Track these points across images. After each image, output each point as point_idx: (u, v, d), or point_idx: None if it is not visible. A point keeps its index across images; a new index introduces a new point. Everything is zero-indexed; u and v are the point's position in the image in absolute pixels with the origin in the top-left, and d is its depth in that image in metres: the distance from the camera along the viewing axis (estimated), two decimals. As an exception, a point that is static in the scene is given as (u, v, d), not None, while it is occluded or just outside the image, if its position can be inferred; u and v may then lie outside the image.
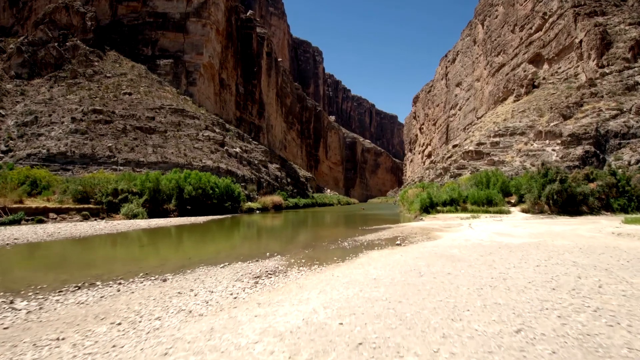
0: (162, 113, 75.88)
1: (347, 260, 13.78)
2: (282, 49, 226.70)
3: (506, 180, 44.18)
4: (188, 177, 50.60)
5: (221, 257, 15.76)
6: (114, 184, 46.61)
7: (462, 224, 28.41)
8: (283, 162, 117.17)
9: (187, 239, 24.02)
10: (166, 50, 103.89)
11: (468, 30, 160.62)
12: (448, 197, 39.37)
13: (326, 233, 26.33)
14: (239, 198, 56.95)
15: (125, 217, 43.03)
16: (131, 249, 19.18)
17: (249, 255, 16.02)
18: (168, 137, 70.17)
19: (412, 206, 44.04)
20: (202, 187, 50.76)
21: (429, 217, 36.53)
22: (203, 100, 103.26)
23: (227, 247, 19.88)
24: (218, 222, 39.35)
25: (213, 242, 22.74)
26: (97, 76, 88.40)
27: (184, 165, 62.92)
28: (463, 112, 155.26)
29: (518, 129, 78.36)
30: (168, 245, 20.74)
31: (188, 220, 40.51)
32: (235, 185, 57.10)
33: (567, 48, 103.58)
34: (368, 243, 18.95)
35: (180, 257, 16.15)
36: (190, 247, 20.13)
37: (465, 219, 33.63)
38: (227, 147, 73.53)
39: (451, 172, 74.44)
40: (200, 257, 15.72)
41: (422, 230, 24.45)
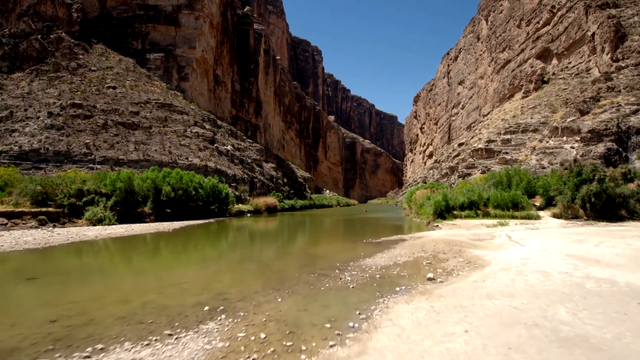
0: (148, 108, 69.28)
1: (352, 335, 7.11)
2: (281, 47, 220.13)
3: (532, 180, 37.62)
4: (167, 176, 43.96)
5: (115, 316, 8.59)
6: (80, 183, 39.96)
7: (494, 235, 21.82)
8: (280, 162, 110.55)
9: (112, 262, 16.97)
10: (157, 44, 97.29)
11: (471, 27, 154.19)
12: (466, 199, 32.79)
13: (320, 250, 19.76)
14: (227, 200, 50.32)
15: (89, 223, 36.41)
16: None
17: (164, 310, 9.01)
18: (153, 133, 63.56)
19: (423, 209, 37.44)
20: (184, 188, 44.11)
21: (446, 223, 29.93)
22: (196, 97, 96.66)
23: (150, 286, 11.93)
24: (192, 229, 32.71)
25: (140, 272, 14.60)
26: (81, 69, 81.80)
27: (168, 163, 56.33)
28: (466, 110, 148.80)
29: (530, 125, 71.81)
30: (57, 282, 12.39)
31: (160, 227, 33.86)
32: (222, 185, 50.47)
33: (577, 42, 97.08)
34: (382, 275, 12.30)
35: (42, 317, 8.64)
36: (92, 285, 11.88)
37: (492, 226, 27.04)
38: (218, 145, 66.90)
39: (459, 171, 67.82)
40: (72, 320, 8.33)
41: (450, 246, 17.84)
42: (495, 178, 39.48)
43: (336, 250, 19.36)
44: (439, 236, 22.09)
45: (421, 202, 39.61)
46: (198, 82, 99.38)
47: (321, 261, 15.22)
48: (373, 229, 33.92)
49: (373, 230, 32.31)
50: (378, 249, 17.88)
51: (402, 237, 22.57)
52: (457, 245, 17.96)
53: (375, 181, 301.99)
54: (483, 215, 32.07)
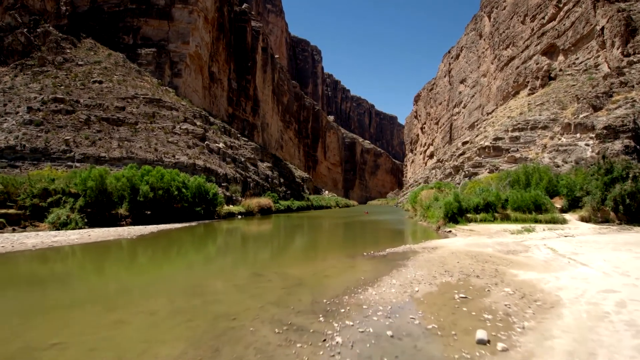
0: (135, 103, 64.69)
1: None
2: (280, 47, 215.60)
3: (553, 179, 32.96)
4: (147, 174, 39.31)
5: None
6: (46, 182, 35.37)
7: (527, 246, 17.19)
8: (276, 161, 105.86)
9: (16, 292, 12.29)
10: (149, 39, 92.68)
11: (473, 24, 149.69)
12: (481, 200, 28.14)
13: (306, 270, 14.44)
14: (215, 201, 45.67)
15: (52, 227, 31.80)
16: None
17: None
18: (139, 129, 58.96)
19: (431, 212, 32.77)
20: (165, 187, 39.45)
21: (460, 228, 25.28)
22: (189, 94, 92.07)
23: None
24: (165, 235, 28.08)
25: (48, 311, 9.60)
26: (68, 64, 77.23)
27: (153, 161, 51.72)
28: (468, 109, 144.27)
29: (540, 122, 67.19)
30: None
31: (129, 231, 29.18)
32: (210, 185, 45.83)
33: (585, 37, 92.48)
34: (395, 329, 7.43)
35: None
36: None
37: (517, 232, 22.40)
38: (209, 142, 62.26)
39: (465, 170, 63.17)
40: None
41: (480, 263, 13.19)
42: (510, 176, 34.82)
43: (327, 270, 14.10)
44: (459, 247, 17.45)
45: (428, 204, 34.98)
46: (192, 78, 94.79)
47: (302, 293, 10.46)
48: (375, 235, 29.33)
49: (375, 237, 27.77)
50: (384, 268, 13.20)
51: (413, 248, 17.91)
52: (489, 262, 13.32)
53: (375, 182, 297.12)
54: (502, 219, 27.42)
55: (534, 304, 8.18)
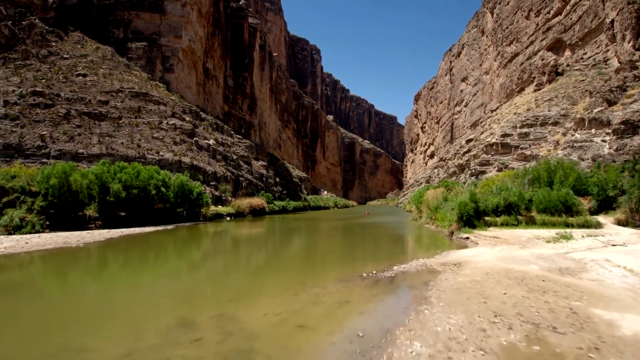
0: (120, 97, 60.22)
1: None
2: (279, 45, 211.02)
3: (582, 175, 28.44)
4: (120, 170, 34.83)
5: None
6: (3, 180, 30.91)
7: (583, 262, 12.71)
8: (272, 160, 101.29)
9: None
10: (140, 32, 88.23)
11: (474, 21, 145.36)
12: (501, 200, 23.63)
13: (274, 311, 9.06)
14: (200, 200, 41.14)
15: (4, 230, 27.29)
16: None
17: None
18: (122, 124, 54.49)
19: (440, 214, 28.24)
20: (141, 186, 34.95)
21: (480, 234, 20.77)
22: (182, 90, 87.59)
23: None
24: (122, 243, 23.53)
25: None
26: (52, 57, 72.71)
27: (135, 158, 47.25)
28: (469, 108, 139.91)
29: (550, 117, 62.76)
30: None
31: (89, 237, 24.68)
32: (194, 183, 41.33)
33: (593, 31, 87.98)
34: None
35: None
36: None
37: (553, 240, 17.92)
38: (198, 139, 57.76)
39: (471, 169, 58.67)
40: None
41: (540, 295, 8.75)
42: (530, 174, 30.30)
43: (304, 311, 9.09)
44: (491, 262, 12.93)
45: (435, 205, 30.46)
46: (185, 74, 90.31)
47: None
48: (376, 243, 24.82)
49: (377, 245, 23.31)
50: (395, 307, 8.76)
51: (429, 265, 13.37)
52: (548, 292, 8.87)
53: (375, 182, 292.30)
54: (526, 223, 22.91)
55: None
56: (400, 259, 15.16)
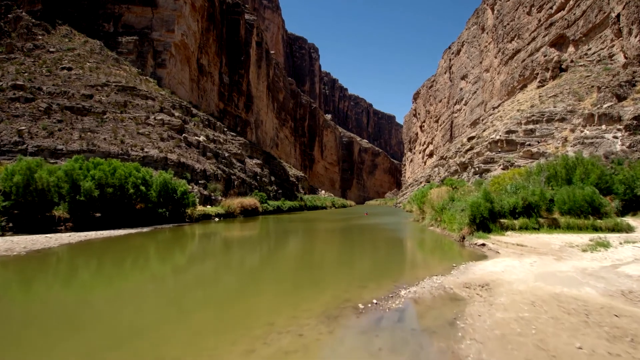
0: (105, 91, 56.87)
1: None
2: (277, 44, 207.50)
3: (606, 172, 25.25)
4: (95, 167, 31.50)
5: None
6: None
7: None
8: (268, 158, 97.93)
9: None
10: (131, 26, 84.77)
11: (474, 18, 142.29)
12: (519, 200, 20.39)
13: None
14: (185, 200, 37.84)
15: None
16: None
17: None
18: (106, 119, 51.16)
19: (446, 215, 24.99)
20: (117, 184, 31.64)
21: (499, 240, 17.52)
22: (174, 86, 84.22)
23: None
24: (74, 250, 20.25)
25: None
26: (38, 51, 69.27)
27: (118, 154, 43.95)
28: (469, 106, 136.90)
29: (556, 114, 59.67)
30: None
31: (50, 241, 21.38)
32: (178, 181, 38.02)
33: (597, 26, 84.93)
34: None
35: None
36: None
37: (590, 248, 14.71)
38: (187, 135, 54.41)
39: (475, 167, 55.47)
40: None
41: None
42: (546, 170, 27.10)
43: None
44: (532, 285, 9.66)
45: (441, 205, 27.22)
46: (177, 69, 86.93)
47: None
48: (377, 251, 21.48)
49: (377, 255, 19.97)
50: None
51: (448, 287, 10.03)
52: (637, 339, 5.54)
53: (373, 182, 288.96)
54: (549, 227, 19.69)
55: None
56: (407, 276, 12.03)
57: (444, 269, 12.64)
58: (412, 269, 14.37)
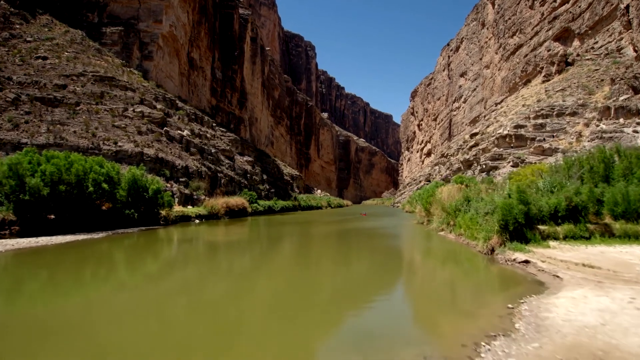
0: (81, 81, 51.95)
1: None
2: (273, 41, 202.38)
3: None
4: (47, 161, 26.65)
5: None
6: None
7: None
8: (260, 156, 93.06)
9: None
10: (117, 17, 79.66)
11: (474, 14, 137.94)
12: (563, 202, 15.72)
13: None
14: (158, 200, 33.02)
15: None
16: None
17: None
18: (79, 111, 46.26)
19: (464, 219, 20.25)
20: (73, 181, 26.80)
21: (547, 255, 12.88)
22: (162, 79, 79.29)
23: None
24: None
25: None
26: (14, 40, 64.10)
27: (88, 148, 39.12)
28: (469, 104, 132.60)
29: (566, 107, 55.28)
30: None
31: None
32: (150, 178, 33.19)
33: (605, 19, 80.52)
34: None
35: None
36: None
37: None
38: (169, 129, 49.57)
39: (481, 164, 50.93)
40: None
41: None
42: (578, 164, 22.50)
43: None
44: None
45: (454, 206, 22.52)
46: (165, 62, 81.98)
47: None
48: (382, 273, 15.50)
49: (382, 280, 14.42)
50: None
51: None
52: None
53: (370, 181, 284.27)
54: (601, 235, 15.06)
55: None
56: (440, 337, 7.26)
57: (496, 316, 7.83)
58: (442, 313, 9.24)
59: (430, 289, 12.57)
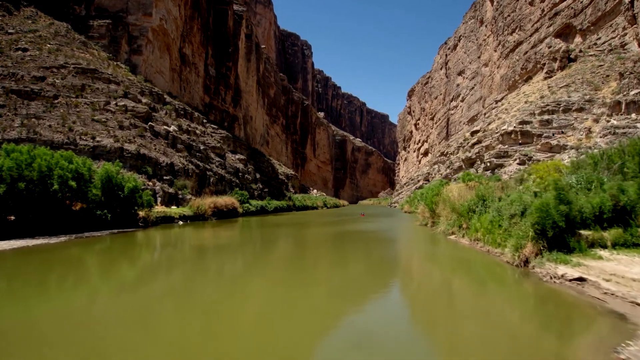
0: (61, 73, 48.59)
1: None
2: (268, 39, 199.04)
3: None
4: (7, 155, 23.43)
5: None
6: None
7: None
8: (254, 154, 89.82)
9: None
10: (105, 9, 76.17)
11: (472, 12, 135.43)
12: (607, 201, 12.70)
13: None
14: (136, 199, 29.78)
15: None
16: None
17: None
18: (57, 104, 42.92)
19: (478, 221, 17.17)
20: (36, 178, 23.58)
21: (606, 269, 9.80)
22: (152, 74, 75.90)
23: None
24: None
25: None
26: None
27: (63, 143, 35.83)
28: (466, 103, 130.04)
29: (573, 103, 52.52)
30: None
31: None
32: (127, 176, 29.95)
33: (608, 14, 78.05)
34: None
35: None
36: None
37: None
38: (155, 124, 46.29)
39: (486, 162, 48.03)
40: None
41: None
42: (607, 159, 19.58)
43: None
44: None
45: (467, 207, 19.40)
46: (156, 57, 78.59)
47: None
48: (389, 292, 11.97)
49: (395, 314, 10.04)
50: None
51: None
52: None
53: (367, 181, 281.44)
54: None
55: None
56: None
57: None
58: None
59: (471, 328, 8.41)
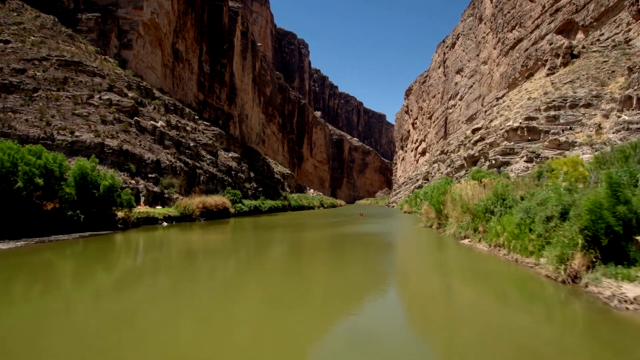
0: (43, 66, 45.73)
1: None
2: (265, 38, 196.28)
3: None
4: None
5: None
6: None
7: None
8: (248, 152, 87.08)
9: None
10: (94, 3, 73.23)
11: (471, 9, 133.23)
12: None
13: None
14: (117, 198, 27.04)
15: None
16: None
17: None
18: (36, 98, 40.09)
19: (506, 224, 14.56)
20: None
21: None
22: (143, 70, 73.06)
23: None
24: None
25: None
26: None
27: (39, 138, 33.03)
28: (465, 101, 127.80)
29: (579, 99, 50.25)
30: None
31: None
32: (102, 173, 27.17)
33: (611, 9, 75.94)
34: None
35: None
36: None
37: None
38: (141, 119, 43.52)
39: (490, 160, 45.59)
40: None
41: None
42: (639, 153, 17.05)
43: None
44: None
45: (483, 207, 16.78)
46: (147, 52, 75.74)
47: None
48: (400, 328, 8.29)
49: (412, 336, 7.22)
50: None
51: None
52: None
53: (364, 181, 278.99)
54: None
55: None
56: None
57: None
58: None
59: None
